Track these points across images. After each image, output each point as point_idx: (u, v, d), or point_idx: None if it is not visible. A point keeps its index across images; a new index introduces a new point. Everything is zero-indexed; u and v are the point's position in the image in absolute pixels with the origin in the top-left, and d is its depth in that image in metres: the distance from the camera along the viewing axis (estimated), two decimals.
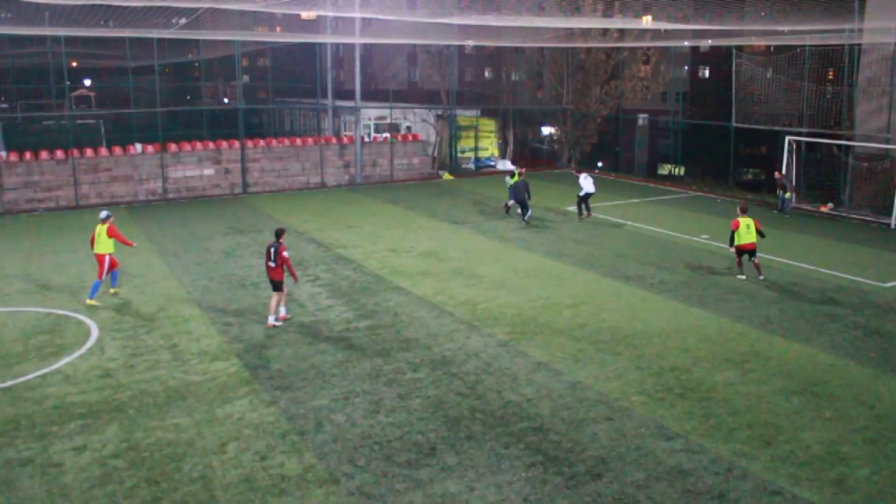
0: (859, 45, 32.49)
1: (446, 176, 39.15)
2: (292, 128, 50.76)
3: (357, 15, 36.01)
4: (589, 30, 39.21)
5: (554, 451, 10.90)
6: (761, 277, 20.00)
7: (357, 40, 38.72)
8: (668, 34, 40.68)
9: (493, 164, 43.89)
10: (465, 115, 44.94)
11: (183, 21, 32.51)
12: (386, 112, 43.04)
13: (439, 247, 23.28)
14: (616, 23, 37.52)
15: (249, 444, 11.02)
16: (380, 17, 37.38)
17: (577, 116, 42.67)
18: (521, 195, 27.09)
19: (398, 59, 63.48)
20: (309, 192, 34.47)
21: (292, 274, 16.19)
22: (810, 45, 32.36)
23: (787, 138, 31.00)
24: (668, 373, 13.74)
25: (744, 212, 20.24)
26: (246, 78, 67.40)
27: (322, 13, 38.22)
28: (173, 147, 33.39)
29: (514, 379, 13.42)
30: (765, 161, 44.15)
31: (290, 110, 51.78)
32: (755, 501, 9.68)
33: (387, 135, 39.57)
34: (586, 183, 27.95)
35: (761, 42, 39.52)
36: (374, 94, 52.24)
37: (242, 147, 34.16)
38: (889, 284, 19.66)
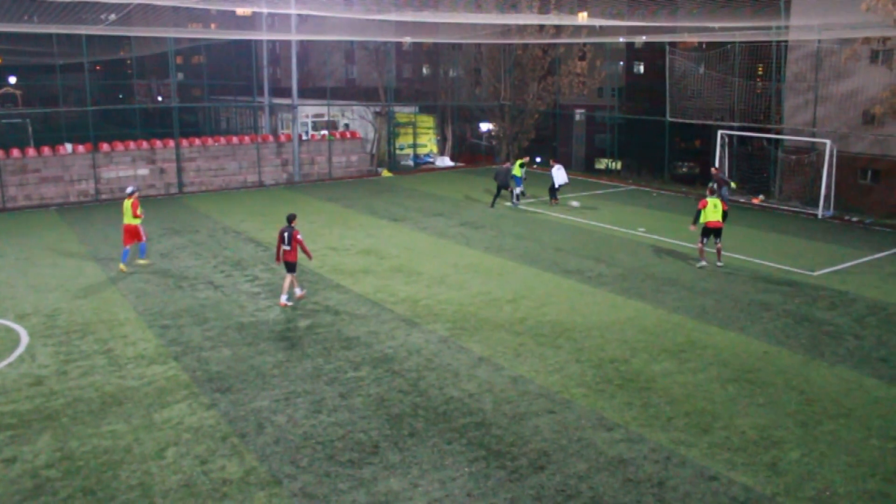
0: (786, 41, 33.43)
1: (385, 173, 39.04)
2: (229, 126, 50.04)
3: (293, 11, 35.65)
4: (525, 26, 39.52)
5: (496, 445, 10.99)
6: (719, 264, 20.66)
7: (293, 37, 38.34)
8: (603, 30, 41.25)
9: (431, 160, 43.93)
10: (403, 112, 44.85)
11: (113, 17, 31.75)
12: (324, 109, 42.72)
13: (379, 244, 23.22)
14: (552, 19, 37.89)
15: (189, 449, 10.84)
16: (316, 13, 37.08)
17: (514, 112, 42.97)
18: (503, 181, 28.88)
19: (336, 57, 63.05)
20: (247, 191, 34.03)
21: (307, 253, 17.40)
22: (740, 42, 33.16)
23: (719, 132, 31.72)
24: (607, 364, 13.96)
25: (712, 193, 21.01)
26: (180, 76, 66.20)
27: (257, 10, 37.74)
28: (105, 147, 32.60)
29: (456, 374, 13.47)
30: (699, 155, 45.12)
31: (226, 108, 51.02)
32: (693, 487, 9.91)
33: (325, 132, 39.25)
34: (558, 174, 29.51)
35: (693, 39, 40.35)
36: (311, 91, 51.79)
37: (177, 146, 33.55)
38: (817, 273, 20.28)
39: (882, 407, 12.36)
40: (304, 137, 37.79)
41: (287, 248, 17.08)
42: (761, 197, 31.59)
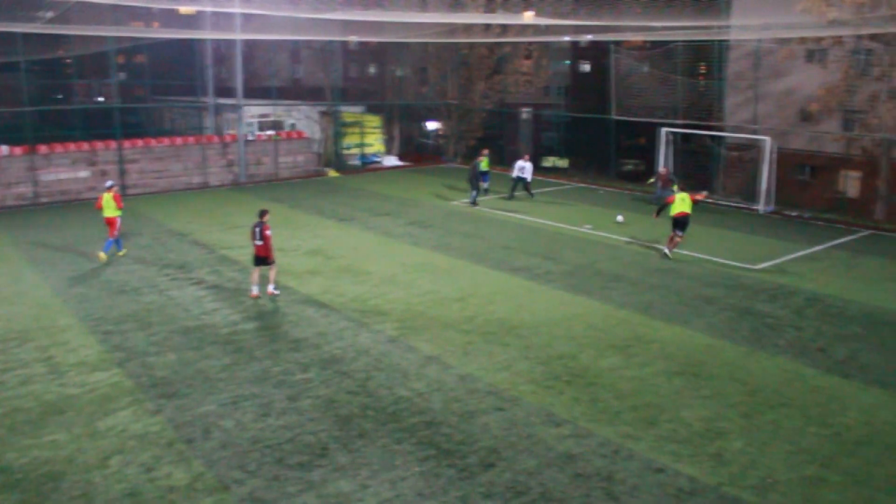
0: (727, 41, 34.14)
1: (332, 173, 38.81)
2: (173, 127, 49.13)
3: (237, 10, 35.24)
4: (471, 25, 39.66)
5: (446, 443, 11.02)
6: (667, 252, 21.56)
7: (238, 36, 37.86)
8: (548, 30, 41.61)
9: (378, 160, 43.81)
10: (349, 112, 44.63)
11: (50, 14, 30.98)
12: (269, 109, 42.27)
13: (326, 244, 23.08)
14: (497, 18, 38.10)
15: (134, 457, 10.65)
16: (261, 12, 36.68)
17: (461, 111, 43.08)
18: (474, 176, 29.33)
19: (281, 56, 62.42)
20: (192, 192, 33.51)
21: (270, 251, 17.61)
22: (683, 41, 33.75)
23: (663, 130, 32.20)
24: (555, 361, 14.09)
25: (681, 189, 22.31)
26: (122, 75, 64.83)
27: (201, 8, 37.22)
28: (43, 149, 31.75)
29: (405, 374, 13.47)
30: (644, 152, 45.75)
31: (169, 109, 50.11)
32: (641, 480, 10.07)
33: (271, 132, 38.85)
34: (525, 169, 30.94)
35: (637, 38, 40.92)
36: (256, 91, 51.11)
37: (119, 148, 32.86)
38: (759, 266, 20.76)
39: (820, 395, 12.71)
40: (249, 138, 37.34)
41: (259, 242, 17.52)
42: (705, 193, 32.06)
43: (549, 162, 48.32)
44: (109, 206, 21.29)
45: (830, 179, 36.18)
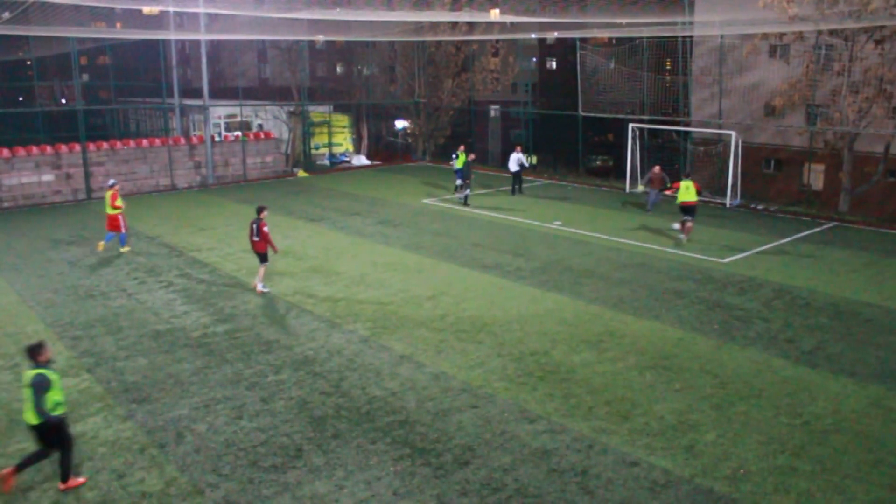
0: (691, 37, 34.48)
1: (301, 173, 38.62)
2: (138, 129, 48.65)
3: (201, 10, 34.94)
4: (438, 23, 39.67)
5: (421, 442, 11.01)
6: (683, 237, 23.14)
7: (203, 36, 37.56)
8: (515, 27, 41.76)
9: (347, 159, 43.68)
10: (317, 111, 44.44)
11: (7, 15, 30.45)
12: (236, 110, 41.96)
13: (296, 245, 22.95)
14: (464, 16, 38.15)
15: (105, 463, 10.52)
16: (226, 12, 36.41)
17: (429, 109, 43.07)
18: (467, 175, 29.20)
19: (247, 56, 62.05)
20: (159, 194, 33.16)
21: (272, 246, 18.02)
22: (648, 38, 34.02)
23: (630, 126, 32.44)
24: (528, 357, 14.14)
25: (687, 176, 23.75)
26: (85, 77, 64.04)
27: (164, 8, 36.83)
28: (5, 152, 31.26)
29: (378, 374, 13.44)
30: (612, 148, 46.10)
31: (134, 110, 49.59)
32: (615, 474, 10.14)
33: (238, 133, 38.56)
34: (519, 160, 31.31)
35: (604, 34, 41.22)
36: (223, 91, 50.86)
37: (84, 150, 32.43)
38: (727, 260, 20.99)
39: (790, 386, 12.88)
40: (216, 139, 37.06)
41: (256, 238, 17.98)
42: (673, 188, 32.43)
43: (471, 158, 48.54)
44: (108, 204, 22.31)
45: (795, 173, 36.71)
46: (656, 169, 28.39)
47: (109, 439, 11.19)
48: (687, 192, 22.83)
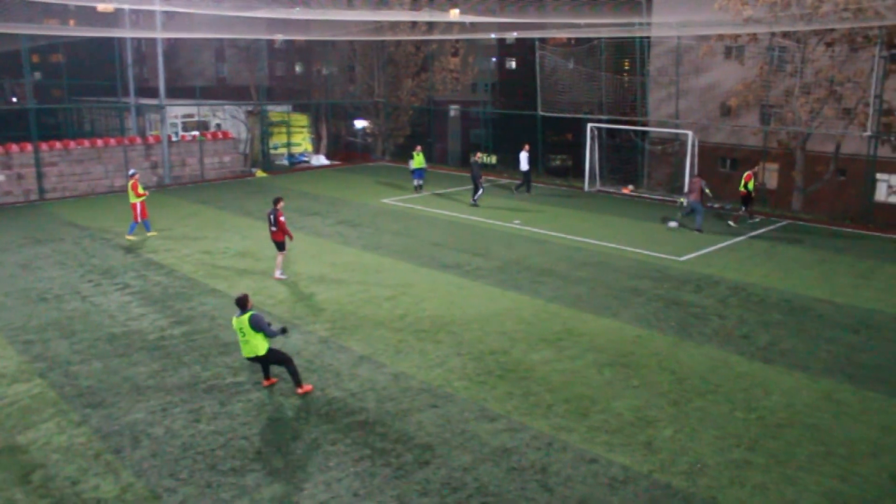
0: (648, 38, 34.86)
1: (259, 173, 38.28)
2: (93, 128, 47.74)
3: (157, 8, 34.45)
4: (398, 23, 39.60)
5: (381, 443, 10.99)
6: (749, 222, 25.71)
7: (159, 35, 37.04)
8: (474, 27, 41.84)
9: (306, 159, 43.40)
10: (276, 111, 44.09)
11: None
12: (194, 109, 41.48)
13: (255, 246, 22.75)
14: (423, 16, 38.12)
15: (58, 470, 10.32)
16: (182, 10, 35.96)
17: (389, 109, 42.99)
18: (477, 175, 29.12)
19: (205, 55, 61.36)
20: (114, 195, 32.60)
21: (288, 234, 19.07)
22: (606, 38, 34.32)
23: (588, 125, 32.69)
24: (487, 356, 14.19)
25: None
26: (37, 75, 62.73)
27: (119, 6, 36.26)
28: None
29: (338, 374, 13.39)
30: (571, 148, 46.39)
31: (89, 110, 48.69)
32: (575, 471, 10.23)
33: (195, 133, 38.10)
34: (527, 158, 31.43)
35: (562, 35, 41.46)
36: (180, 91, 50.13)
37: (36, 150, 31.77)
38: (684, 258, 21.27)
39: (745, 381, 13.11)
40: (173, 139, 36.56)
41: (274, 228, 18.97)
42: (631, 187, 32.82)
43: (478, 159, 48.55)
44: (130, 193, 23.90)
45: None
46: (696, 179, 25.35)
47: (63, 445, 10.99)
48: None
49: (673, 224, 25.08)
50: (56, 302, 17.63)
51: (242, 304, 12.39)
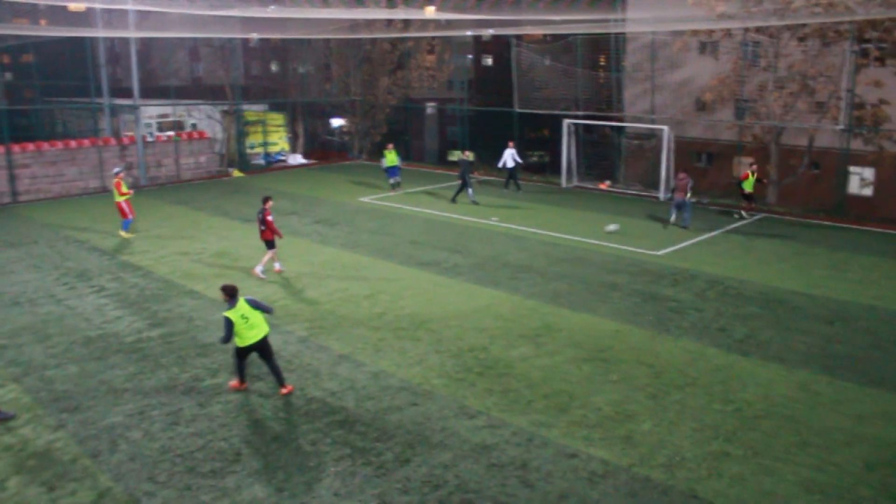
0: (623, 34, 35.02)
1: (236, 173, 38.06)
2: (66, 129, 47.22)
3: (130, 7, 34.13)
4: (373, 21, 39.49)
5: (361, 442, 10.98)
6: (742, 215, 26.12)
7: (132, 34, 36.69)
8: (450, 24, 41.80)
9: (283, 158, 43.19)
10: (252, 110, 43.82)
11: None
12: (169, 109, 41.11)
13: (232, 246, 22.63)
14: (399, 13, 38.05)
15: (34, 477, 10.21)
16: (156, 9, 35.64)
17: (365, 107, 42.87)
18: (464, 174, 28.92)
19: (179, 54, 60.75)
20: (89, 197, 32.29)
21: (276, 232, 19.36)
22: (581, 34, 34.42)
23: (565, 121, 32.79)
24: (466, 353, 14.21)
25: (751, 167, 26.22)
26: (8, 76, 61.96)
27: (92, 5, 35.84)
28: None
29: (317, 374, 13.35)
30: (548, 144, 46.51)
31: (62, 110, 48.14)
32: (555, 466, 10.26)
33: (171, 133, 37.79)
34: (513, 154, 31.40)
35: (538, 31, 41.54)
36: (154, 91, 49.67)
37: (8, 152, 31.38)
38: (661, 252, 21.40)
39: (722, 373, 13.22)
40: (148, 139, 36.26)
41: (262, 227, 19.25)
42: (608, 182, 32.96)
43: (455, 156, 48.58)
44: (115, 192, 23.88)
45: (726, 166, 37.58)
46: (681, 175, 24.98)
47: (39, 451, 10.88)
48: (747, 181, 25.98)
49: (612, 228, 23.73)
50: (30, 306, 17.42)
51: (234, 292, 12.32)
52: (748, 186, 25.99)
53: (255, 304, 12.41)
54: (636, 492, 9.69)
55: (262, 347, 12.46)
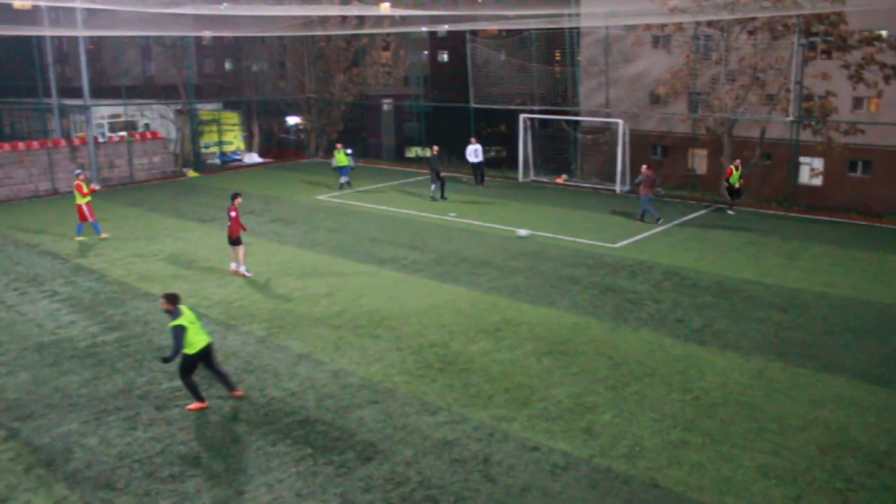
0: (578, 28, 35.26)
1: (191, 173, 37.55)
2: (14, 131, 46.16)
3: (78, 6, 33.46)
4: (327, 17, 39.23)
5: (322, 441, 10.92)
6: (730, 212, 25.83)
7: (80, 33, 35.95)
8: (405, 20, 41.73)
9: (238, 157, 42.73)
10: (206, 109, 43.26)
11: None
12: (120, 109, 40.40)
13: (189, 247, 22.33)
14: (353, 10, 37.86)
15: None
16: (104, 7, 34.99)
17: (321, 105, 42.60)
18: (435, 168, 28.82)
19: (131, 53, 59.74)
20: (39, 199, 31.63)
21: (242, 227, 19.24)
22: (536, 29, 34.57)
23: (521, 116, 32.92)
24: (427, 349, 14.20)
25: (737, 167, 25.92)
26: None
27: (38, 3, 35.07)
28: None
29: (276, 374, 13.25)
30: (505, 139, 46.67)
31: (9, 111, 47.03)
32: (517, 460, 10.31)
33: (123, 134, 37.15)
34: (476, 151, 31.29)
35: (493, 27, 41.63)
36: (105, 90, 48.78)
37: None
38: (618, 245, 21.61)
39: (680, 363, 13.39)
40: (100, 140, 35.60)
41: (229, 223, 19.08)
42: (564, 176, 33.17)
43: (412, 152, 48.54)
44: (76, 194, 23.54)
45: (681, 158, 38.07)
46: (644, 168, 24.71)
47: None
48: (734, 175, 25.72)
49: (523, 233, 22.66)
50: None
51: (178, 299, 11.91)
52: (735, 181, 25.88)
53: (191, 308, 12.13)
54: (598, 482, 9.77)
55: (209, 352, 12.04)
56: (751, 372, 13.02)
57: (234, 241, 19.23)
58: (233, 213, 19.06)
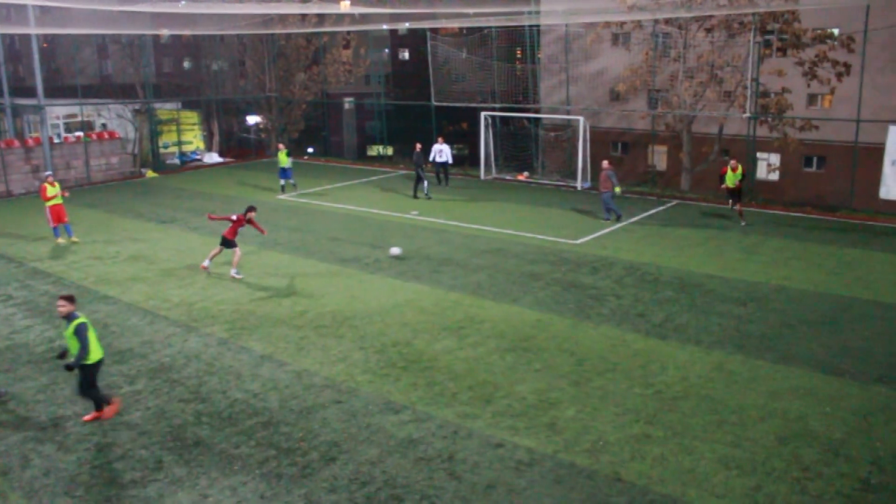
0: (538, 26, 35.43)
1: (150, 173, 37.05)
2: None
3: (30, 3, 32.83)
4: (287, 15, 38.96)
5: (286, 442, 10.84)
6: (742, 223, 23.69)
7: (33, 31, 35.26)
8: (365, 18, 41.54)
9: (198, 157, 42.25)
10: (165, 109, 42.71)
11: None
12: (76, 109, 39.71)
13: (148, 249, 22.03)
14: (313, 8, 37.61)
15: None
16: (58, 5, 34.37)
17: (282, 103, 42.31)
18: (419, 165, 28.59)
19: (86, 51, 58.73)
20: None
21: (234, 232, 19.23)
22: (497, 27, 34.67)
23: (482, 114, 32.99)
24: (390, 348, 14.17)
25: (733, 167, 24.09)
26: None
27: None
28: None
29: (239, 376, 13.12)
30: (467, 136, 46.74)
31: None
32: (481, 457, 10.33)
33: (80, 134, 36.53)
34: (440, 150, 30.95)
35: (453, 24, 41.66)
36: (61, 90, 47.93)
37: None
38: (580, 241, 21.75)
39: (642, 358, 13.52)
40: (56, 140, 34.97)
41: (233, 224, 19.32)
42: (526, 173, 33.31)
43: (374, 151, 48.41)
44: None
45: (641, 155, 38.46)
46: (605, 164, 24.58)
47: None
48: (733, 175, 23.78)
49: (395, 252, 20.56)
50: None
51: (75, 300, 11.54)
52: (730, 181, 23.81)
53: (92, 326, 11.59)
54: (562, 478, 9.82)
55: (101, 361, 11.60)
56: (711, 365, 13.19)
57: (229, 244, 19.17)
58: (233, 217, 19.26)
